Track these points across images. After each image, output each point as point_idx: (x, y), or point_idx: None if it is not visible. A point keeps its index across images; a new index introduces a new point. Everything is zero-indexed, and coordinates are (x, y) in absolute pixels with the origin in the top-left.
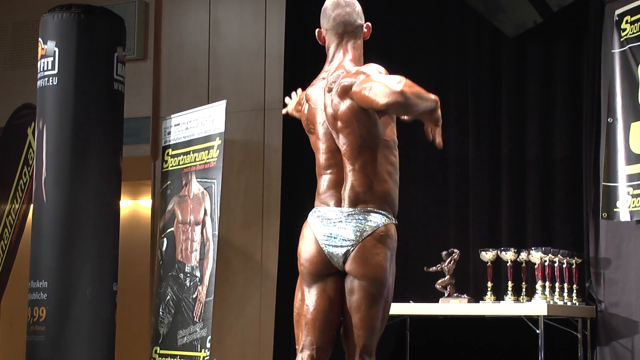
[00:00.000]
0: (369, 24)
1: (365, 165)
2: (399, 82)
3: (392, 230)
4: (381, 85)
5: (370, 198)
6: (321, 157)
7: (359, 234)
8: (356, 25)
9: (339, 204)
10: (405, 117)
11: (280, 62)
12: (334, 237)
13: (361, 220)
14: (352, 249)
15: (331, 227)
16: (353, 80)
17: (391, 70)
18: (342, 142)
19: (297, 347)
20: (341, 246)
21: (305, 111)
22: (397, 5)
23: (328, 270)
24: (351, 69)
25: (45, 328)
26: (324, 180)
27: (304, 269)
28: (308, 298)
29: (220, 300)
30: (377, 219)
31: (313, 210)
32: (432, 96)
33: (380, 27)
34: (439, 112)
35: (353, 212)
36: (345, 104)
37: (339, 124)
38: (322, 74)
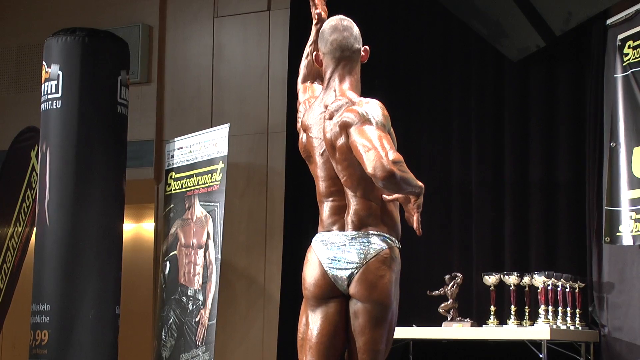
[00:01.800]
0: (367, 47)
1: (367, 191)
2: (394, 161)
3: (396, 253)
4: (377, 155)
5: (373, 222)
6: (322, 185)
7: (362, 256)
8: (353, 50)
9: (342, 229)
10: (387, 197)
11: (284, 86)
12: (338, 260)
13: (365, 243)
14: (357, 271)
15: (335, 250)
16: (354, 119)
17: (396, 96)
18: (341, 173)
19: None
20: (345, 269)
21: (304, 140)
22: (401, 29)
23: (332, 294)
24: (355, 99)
25: (47, 351)
26: (326, 207)
27: (308, 293)
28: (312, 322)
29: (223, 324)
30: (381, 242)
31: (317, 235)
32: (419, 183)
33: (384, 51)
34: (422, 199)
35: (357, 236)
36: (342, 139)
37: (337, 155)
38: (317, 101)
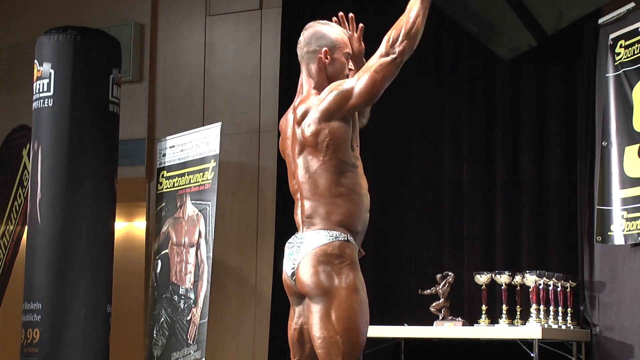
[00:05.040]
0: (327, 49)
1: (313, 190)
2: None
3: (335, 246)
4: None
5: (319, 221)
6: (290, 184)
7: (302, 254)
8: (305, 51)
9: (299, 229)
10: None
11: (276, 85)
12: (290, 261)
13: (308, 242)
14: (295, 268)
15: (289, 250)
16: (310, 104)
17: (386, 95)
18: (297, 169)
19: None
20: (292, 267)
21: (280, 141)
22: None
23: (299, 293)
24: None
25: (39, 350)
26: (294, 208)
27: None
28: (291, 318)
29: (215, 322)
30: (320, 239)
31: None
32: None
33: (373, 48)
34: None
35: (304, 236)
36: (303, 127)
37: (297, 147)
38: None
